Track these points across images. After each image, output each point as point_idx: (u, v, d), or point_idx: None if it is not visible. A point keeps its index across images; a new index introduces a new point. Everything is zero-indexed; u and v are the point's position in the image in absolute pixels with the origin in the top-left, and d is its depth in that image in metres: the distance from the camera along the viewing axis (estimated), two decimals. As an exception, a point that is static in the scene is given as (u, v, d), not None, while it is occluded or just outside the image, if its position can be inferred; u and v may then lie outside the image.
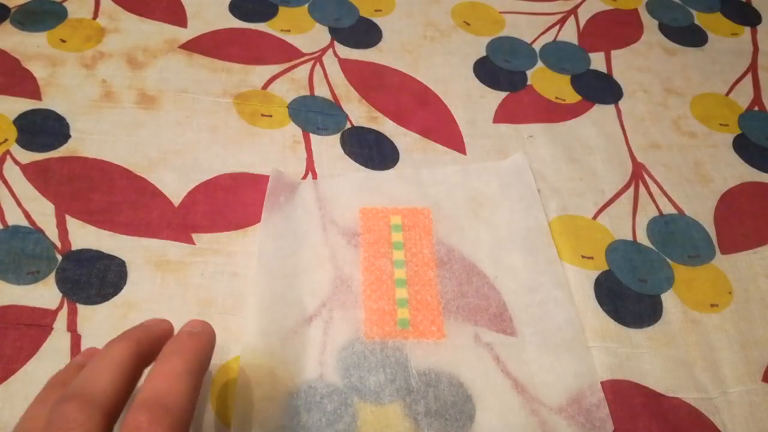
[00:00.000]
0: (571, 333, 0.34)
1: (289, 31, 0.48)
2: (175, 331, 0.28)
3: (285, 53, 0.46)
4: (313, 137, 0.42)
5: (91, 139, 0.40)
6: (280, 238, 0.36)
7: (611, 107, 0.46)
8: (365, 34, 0.49)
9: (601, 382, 0.33)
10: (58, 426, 0.22)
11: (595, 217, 0.40)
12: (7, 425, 0.29)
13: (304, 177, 0.39)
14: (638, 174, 0.43)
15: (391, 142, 0.42)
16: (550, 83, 0.47)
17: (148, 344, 0.26)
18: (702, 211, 0.41)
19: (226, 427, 0.30)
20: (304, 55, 0.46)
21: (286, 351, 0.32)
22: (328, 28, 0.49)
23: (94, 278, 0.34)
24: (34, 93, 0.41)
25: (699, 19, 0.54)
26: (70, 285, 0.34)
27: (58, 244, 0.35)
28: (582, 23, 0.52)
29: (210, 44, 0.46)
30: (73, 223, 0.36)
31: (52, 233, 0.35)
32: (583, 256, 0.38)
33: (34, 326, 0.32)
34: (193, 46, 0.46)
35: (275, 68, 0.45)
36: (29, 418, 0.24)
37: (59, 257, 0.34)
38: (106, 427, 0.22)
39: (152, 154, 0.39)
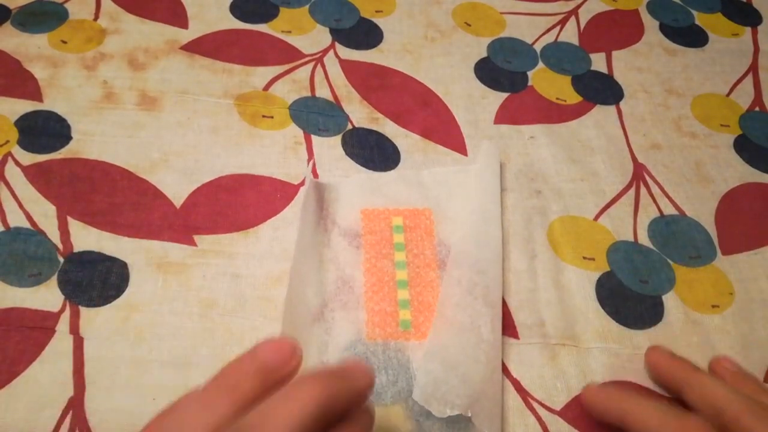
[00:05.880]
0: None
1: (290, 32, 0.48)
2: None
3: (286, 54, 0.46)
4: (314, 138, 0.42)
5: (92, 140, 0.39)
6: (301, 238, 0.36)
7: (612, 108, 0.46)
8: (366, 35, 0.49)
9: (603, 383, 0.34)
10: None
11: (596, 218, 0.40)
12: (11, 428, 0.29)
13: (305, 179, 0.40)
14: (639, 175, 0.43)
15: (392, 143, 0.42)
16: (551, 84, 0.47)
17: (343, 401, 0.21)
18: (703, 212, 0.41)
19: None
20: (305, 56, 0.46)
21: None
22: (328, 29, 0.48)
23: (96, 280, 0.34)
24: (35, 94, 0.41)
25: (699, 19, 0.54)
26: (72, 287, 0.34)
27: (60, 246, 0.35)
28: (583, 24, 0.52)
29: (211, 45, 0.46)
30: (74, 225, 0.36)
31: (53, 235, 0.35)
32: (584, 257, 0.38)
33: (36, 329, 0.32)
34: (194, 47, 0.46)
35: (276, 69, 0.45)
36: (185, 414, 0.21)
37: (61, 259, 0.34)
38: None
39: (153, 156, 0.39)
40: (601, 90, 0.47)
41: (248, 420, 0.20)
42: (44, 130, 0.39)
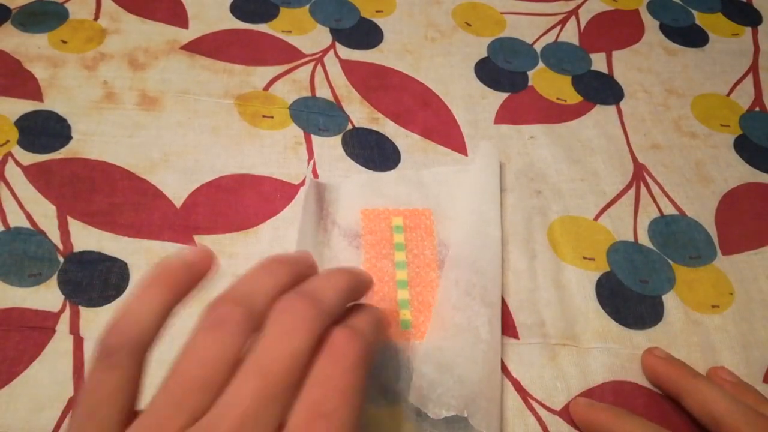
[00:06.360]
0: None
1: (290, 32, 0.48)
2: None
3: (286, 54, 0.46)
4: (314, 138, 0.42)
5: (92, 140, 0.40)
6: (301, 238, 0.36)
7: (612, 108, 0.46)
8: (366, 35, 0.49)
9: (603, 383, 0.34)
10: (288, 312, 0.23)
11: (596, 218, 0.40)
12: (11, 428, 0.29)
13: (305, 178, 0.40)
14: (639, 175, 0.43)
15: (393, 143, 0.42)
16: (551, 84, 0.47)
17: (362, 284, 0.28)
18: (703, 212, 0.41)
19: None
20: (305, 56, 0.46)
21: None
22: (329, 29, 0.49)
23: (96, 280, 0.34)
24: (36, 94, 0.41)
25: (700, 19, 0.54)
26: (72, 287, 0.34)
27: (60, 246, 0.35)
28: (583, 24, 0.52)
29: (211, 45, 0.46)
30: (74, 225, 0.36)
31: (53, 235, 0.35)
32: (584, 257, 0.38)
33: (36, 329, 0.32)
34: (195, 47, 0.46)
35: (276, 69, 0.45)
36: (253, 281, 0.25)
37: (61, 259, 0.35)
38: (321, 334, 0.23)
39: (154, 156, 0.39)
40: (601, 90, 0.47)
41: (308, 283, 0.25)
42: (44, 130, 0.39)
